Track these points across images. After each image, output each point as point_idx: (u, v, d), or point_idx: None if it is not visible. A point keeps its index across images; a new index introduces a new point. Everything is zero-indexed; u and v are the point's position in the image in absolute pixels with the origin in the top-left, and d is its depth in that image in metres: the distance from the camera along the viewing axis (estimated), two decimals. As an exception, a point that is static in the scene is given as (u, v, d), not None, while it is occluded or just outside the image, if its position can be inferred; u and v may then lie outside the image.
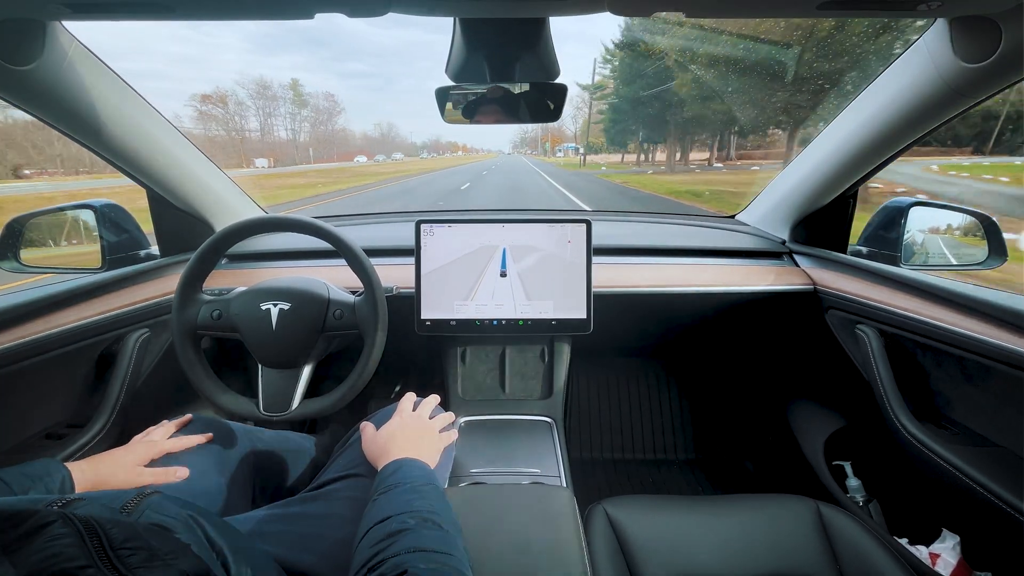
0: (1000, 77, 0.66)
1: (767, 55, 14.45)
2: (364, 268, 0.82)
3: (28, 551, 0.27)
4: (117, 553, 0.30)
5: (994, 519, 0.71)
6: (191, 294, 0.82)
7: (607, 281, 1.08)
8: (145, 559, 0.31)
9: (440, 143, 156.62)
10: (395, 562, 0.42)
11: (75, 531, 0.30)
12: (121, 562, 0.29)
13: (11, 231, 0.96)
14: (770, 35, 10.47)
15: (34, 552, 0.27)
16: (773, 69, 16.54)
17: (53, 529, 0.29)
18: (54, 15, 0.62)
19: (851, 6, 0.59)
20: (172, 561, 0.32)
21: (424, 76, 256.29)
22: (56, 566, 0.27)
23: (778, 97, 17.48)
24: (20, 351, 0.74)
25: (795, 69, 13.65)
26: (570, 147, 71.57)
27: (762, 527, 0.74)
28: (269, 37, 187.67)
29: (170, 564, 0.32)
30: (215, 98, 75.23)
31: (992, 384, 0.76)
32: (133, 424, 0.92)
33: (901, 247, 1.00)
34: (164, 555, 0.32)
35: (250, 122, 76.39)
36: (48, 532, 0.29)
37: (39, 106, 0.74)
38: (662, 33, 23.89)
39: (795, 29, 11.52)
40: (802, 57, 13.07)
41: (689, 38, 19.91)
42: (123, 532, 0.31)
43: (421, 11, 0.60)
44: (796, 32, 12.03)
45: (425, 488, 0.55)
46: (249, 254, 1.20)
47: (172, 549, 0.34)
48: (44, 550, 0.28)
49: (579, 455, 1.49)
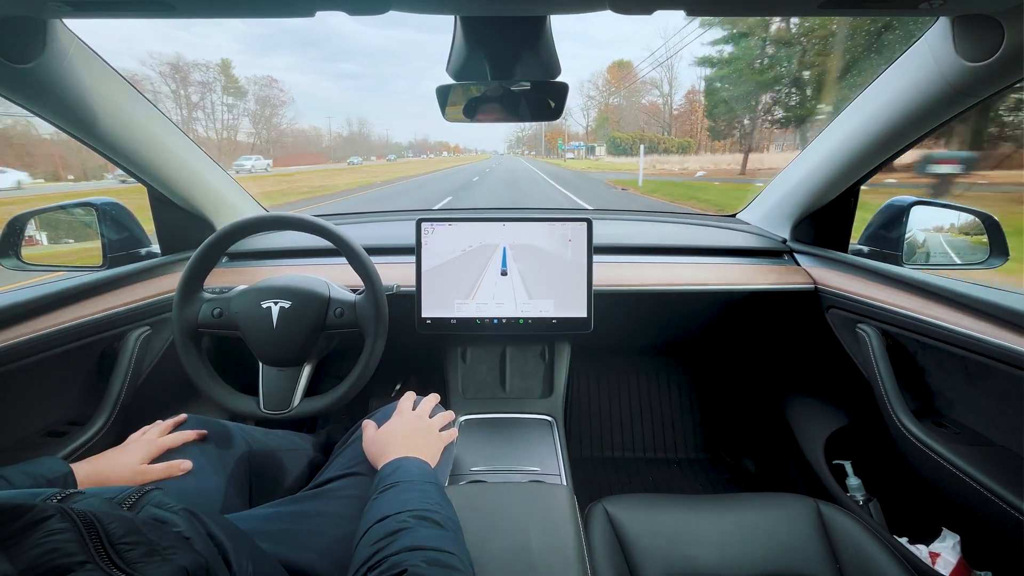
0: (1002, 76, 0.66)
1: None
2: (365, 266, 0.82)
3: (26, 545, 0.27)
4: (116, 548, 0.30)
5: (994, 518, 0.71)
6: (192, 292, 0.82)
7: (608, 280, 1.08)
8: (144, 554, 0.30)
9: (428, 143, 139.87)
10: (395, 560, 0.42)
11: (73, 526, 0.29)
12: (120, 557, 0.29)
13: (12, 229, 0.96)
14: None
15: (32, 547, 0.27)
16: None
17: (51, 523, 0.29)
18: (54, 13, 0.62)
19: (853, 4, 0.59)
20: (171, 556, 0.32)
21: (418, 77, 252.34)
22: (54, 561, 0.27)
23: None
24: (21, 349, 0.74)
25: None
26: (579, 146, 60.54)
27: (762, 526, 0.74)
28: (261, 38, 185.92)
29: (169, 559, 0.31)
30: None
31: (993, 384, 0.76)
32: (134, 422, 0.92)
33: (902, 246, 1.00)
34: (163, 549, 0.32)
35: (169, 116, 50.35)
36: (46, 526, 0.28)
37: (40, 104, 0.74)
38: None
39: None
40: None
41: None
42: (122, 527, 0.31)
43: (422, 8, 0.60)
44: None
45: (425, 487, 0.55)
46: (250, 252, 1.20)
47: (172, 543, 0.33)
48: (42, 545, 0.27)
49: (579, 454, 1.49)
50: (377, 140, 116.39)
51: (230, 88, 53.44)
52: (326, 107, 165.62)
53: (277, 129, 57.85)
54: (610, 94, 63.13)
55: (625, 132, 52.47)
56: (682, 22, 26.77)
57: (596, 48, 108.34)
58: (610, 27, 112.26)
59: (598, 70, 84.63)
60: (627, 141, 47.62)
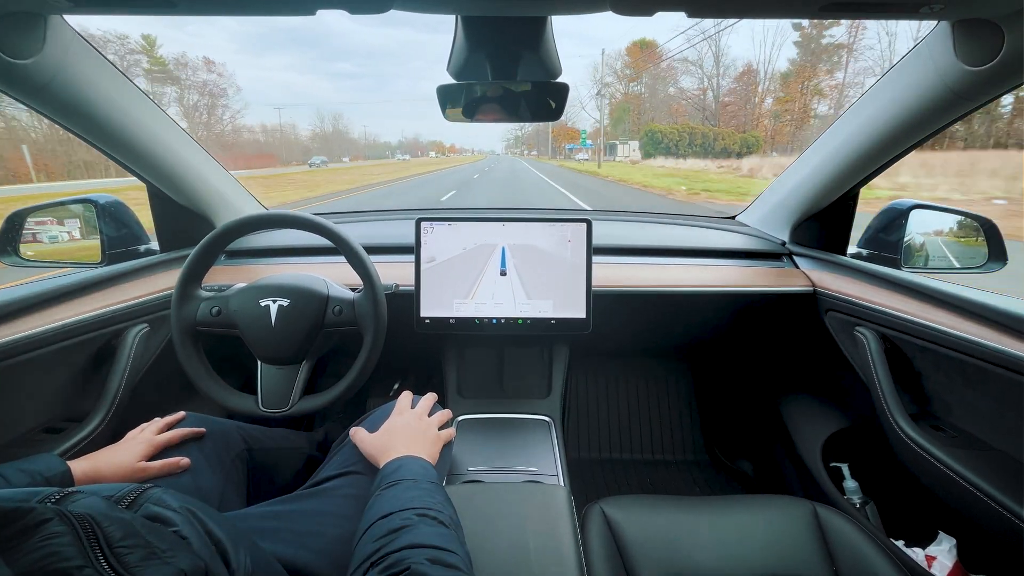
0: (1002, 80, 0.66)
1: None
2: (364, 265, 0.82)
3: (24, 549, 0.27)
4: (115, 551, 0.29)
5: (991, 522, 0.71)
6: (190, 291, 0.82)
7: (607, 280, 1.08)
8: (143, 557, 0.30)
9: (419, 143, 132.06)
10: (398, 557, 0.42)
11: (72, 529, 0.29)
12: (118, 560, 0.29)
13: (11, 225, 0.96)
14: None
15: (29, 551, 0.27)
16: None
17: (49, 527, 0.28)
18: (55, 9, 0.62)
19: (854, 8, 0.59)
20: (171, 559, 0.32)
21: (417, 77, 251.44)
22: (52, 565, 0.27)
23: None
24: (19, 345, 0.74)
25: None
26: (589, 144, 45.71)
27: (759, 528, 0.74)
28: (258, 37, 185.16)
29: (168, 561, 0.31)
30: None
31: (990, 388, 0.76)
32: (131, 419, 0.92)
33: (901, 250, 1.00)
34: (162, 552, 0.32)
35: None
36: (44, 530, 0.28)
37: (39, 100, 0.74)
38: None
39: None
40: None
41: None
42: (120, 529, 0.31)
43: (423, 8, 0.60)
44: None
45: (428, 486, 0.55)
46: (249, 250, 1.20)
47: (171, 546, 0.33)
48: (40, 549, 0.27)
49: (577, 455, 1.49)
50: (359, 138, 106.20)
51: (155, 72, 42.30)
52: (327, 107, 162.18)
53: (220, 123, 47.76)
54: (629, 80, 48.57)
55: (665, 124, 37.09)
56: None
57: (596, 46, 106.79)
58: (610, 26, 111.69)
59: (616, 50, 69.60)
60: (672, 136, 32.70)
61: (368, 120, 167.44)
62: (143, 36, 43.11)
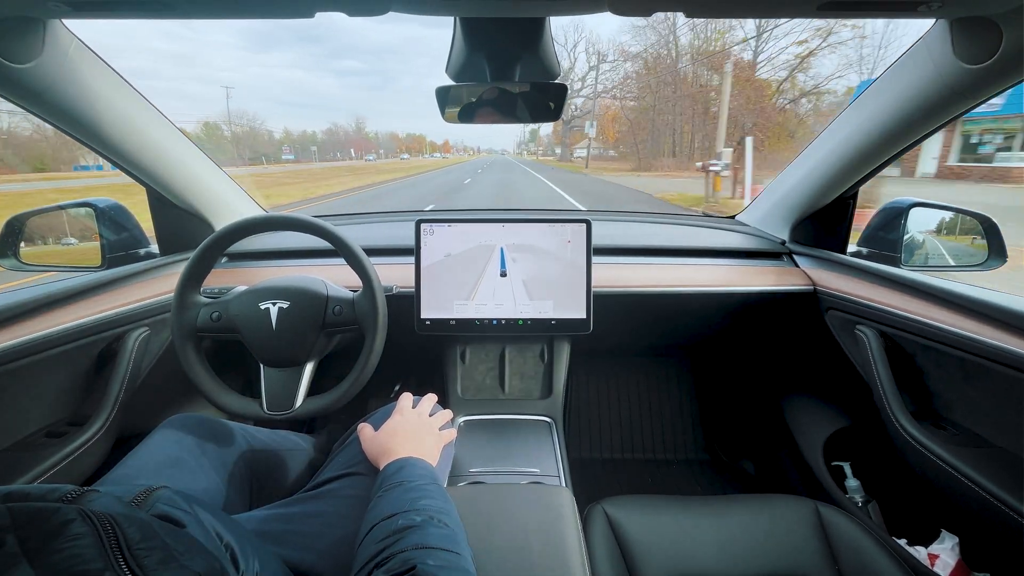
0: (1000, 78, 0.66)
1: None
2: (363, 266, 0.82)
3: (48, 551, 0.27)
4: (134, 553, 0.30)
5: (993, 520, 0.71)
6: (190, 295, 0.82)
7: (607, 281, 1.08)
8: (160, 560, 0.30)
9: (399, 138, 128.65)
10: (403, 558, 0.42)
11: (93, 530, 0.29)
12: (137, 563, 0.29)
13: (11, 229, 0.96)
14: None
15: (54, 553, 0.27)
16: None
17: (72, 528, 0.29)
18: (54, 13, 0.62)
19: (851, 7, 0.59)
20: (187, 562, 0.32)
21: (424, 74, 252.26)
22: (74, 568, 0.27)
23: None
24: (20, 349, 0.74)
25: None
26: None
27: (761, 527, 0.74)
28: (263, 34, 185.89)
29: (185, 565, 0.31)
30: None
31: (991, 385, 0.76)
32: (133, 422, 0.92)
33: (901, 248, 1.00)
34: (180, 555, 0.32)
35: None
36: (68, 531, 0.28)
37: (39, 104, 0.74)
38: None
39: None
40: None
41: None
42: (139, 531, 0.31)
43: (421, 10, 0.60)
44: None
45: (430, 487, 0.55)
46: (248, 253, 1.20)
47: (187, 548, 0.33)
48: (64, 551, 0.27)
49: (578, 455, 1.49)
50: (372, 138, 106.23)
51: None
52: (331, 104, 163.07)
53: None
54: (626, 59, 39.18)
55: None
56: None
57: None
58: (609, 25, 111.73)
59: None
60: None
61: (379, 119, 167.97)
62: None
